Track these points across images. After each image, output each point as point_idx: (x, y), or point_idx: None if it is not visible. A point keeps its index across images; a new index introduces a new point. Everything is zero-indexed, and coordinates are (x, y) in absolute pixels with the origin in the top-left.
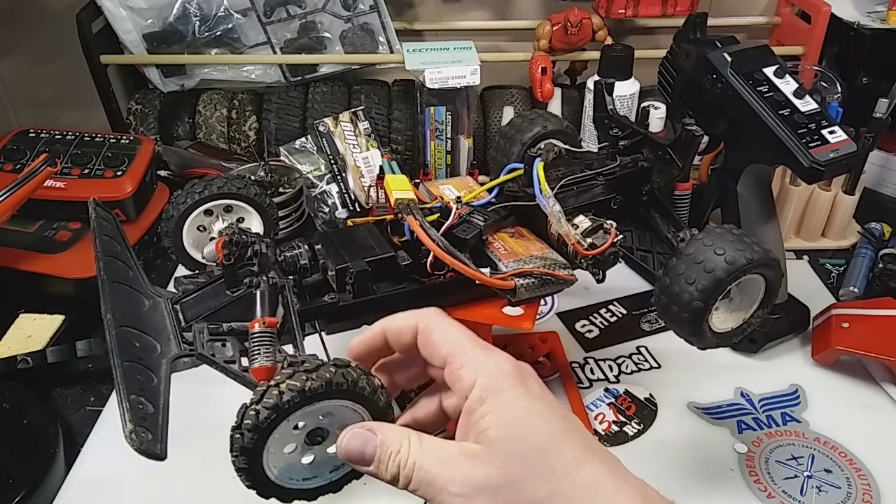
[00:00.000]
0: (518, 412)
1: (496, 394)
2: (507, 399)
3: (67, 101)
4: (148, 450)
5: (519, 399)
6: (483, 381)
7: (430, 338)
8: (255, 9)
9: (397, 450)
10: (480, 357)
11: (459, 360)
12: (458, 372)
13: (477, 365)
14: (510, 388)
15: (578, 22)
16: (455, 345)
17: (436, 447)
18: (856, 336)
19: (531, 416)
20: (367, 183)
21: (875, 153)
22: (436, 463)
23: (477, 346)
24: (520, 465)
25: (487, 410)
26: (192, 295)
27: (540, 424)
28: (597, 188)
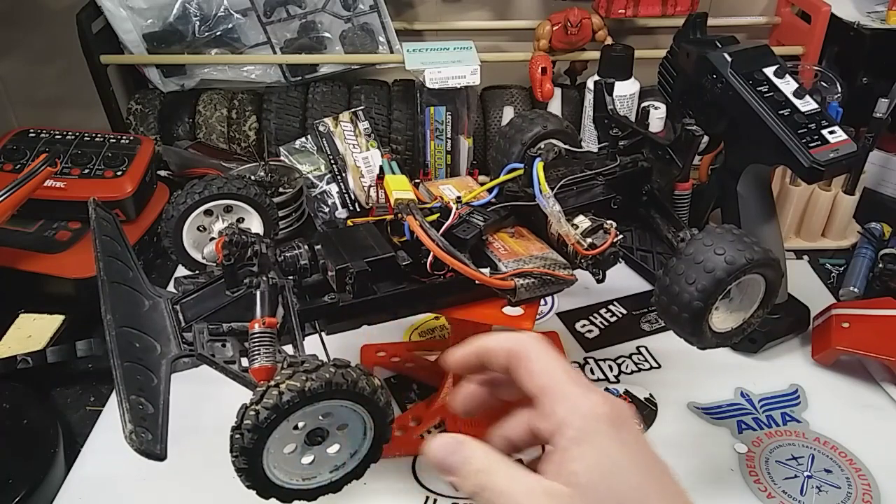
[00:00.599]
0: (610, 461)
1: (590, 438)
2: (600, 445)
3: (67, 101)
4: (148, 450)
5: (612, 447)
6: (578, 423)
7: (526, 366)
8: (255, 9)
9: (480, 469)
10: (577, 396)
11: (555, 395)
12: (553, 407)
13: (573, 404)
14: (604, 433)
15: (578, 22)
16: (551, 378)
17: (521, 479)
18: (856, 336)
19: (622, 467)
20: (367, 183)
21: (875, 153)
22: (520, 495)
23: (573, 382)
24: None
25: (579, 455)
26: (192, 295)
27: (630, 476)
28: (597, 188)
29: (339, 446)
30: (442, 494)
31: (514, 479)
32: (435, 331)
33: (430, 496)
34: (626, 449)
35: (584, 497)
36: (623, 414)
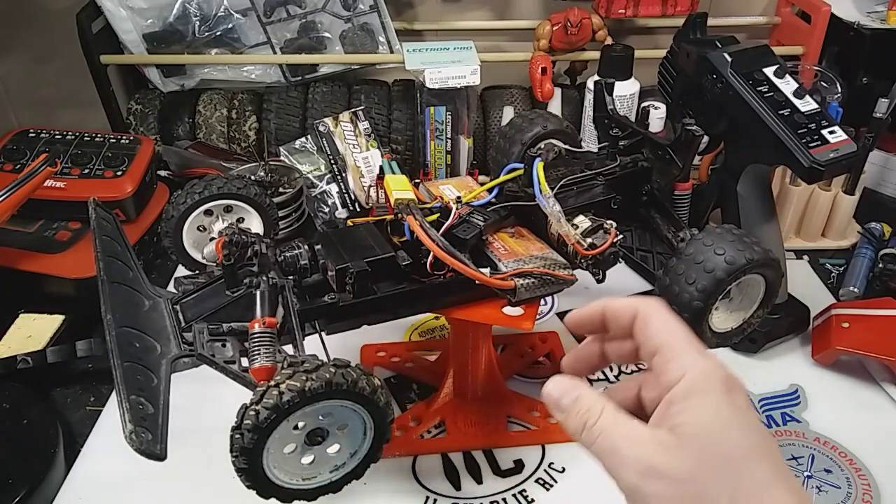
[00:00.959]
0: (720, 417)
1: (701, 394)
2: (712, 402)
3: (67, 101)
4: (148, 450)
5: (724, 405)
6: (691, 378)
7: (648, 326)
8: (255, 9)
9: (588, 409)
10: (693, 356)
11: (671, 353)
12: (668, 364)
13: (688, 362)
14: (717, 392)
15: (578, 22)
16: (671, 337)
17: (628, 423)
18: (856, 336)
19: (732, 425)
20: (367, 183)
21: (875, 153)
22: (624, 438)
23: (692, 345)
24: (709, 468)
25: (689, 406)
26: (192, 295)
27: (739, 436)
28: (597, 188)
29: (339, 446)
30: (442, 494)
31: (619, 422)
32: (435, 331)
33: (430, 496)
34: (738, 412)
35: (690, 447)
36: (736, 381)
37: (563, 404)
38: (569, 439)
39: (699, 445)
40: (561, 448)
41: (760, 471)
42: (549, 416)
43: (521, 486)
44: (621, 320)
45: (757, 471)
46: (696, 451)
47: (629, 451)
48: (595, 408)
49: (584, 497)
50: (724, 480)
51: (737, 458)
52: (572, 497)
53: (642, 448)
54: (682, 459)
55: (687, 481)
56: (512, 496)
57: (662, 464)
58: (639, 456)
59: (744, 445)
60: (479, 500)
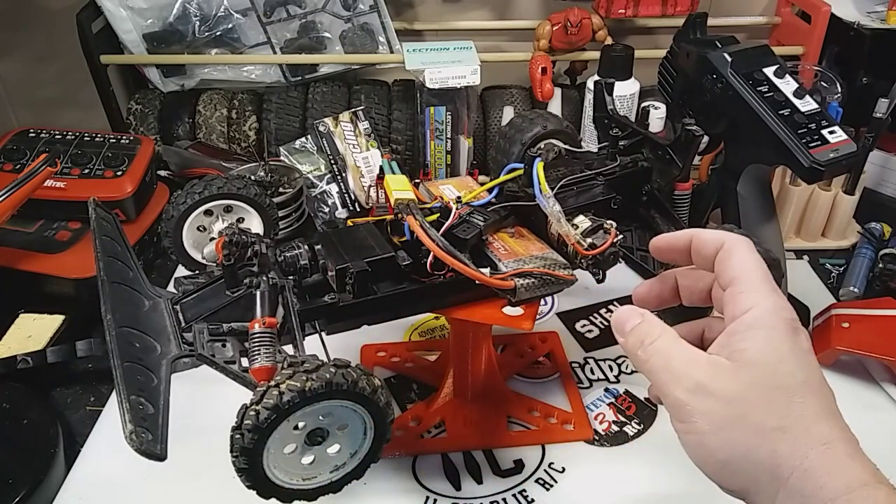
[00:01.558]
0: (779, 351)
1: (765, 327)
2: (775, 336)
3: (67, 101)
4: (148, 450)
5: (786, 341)
6: (758, 311)
7: (731, 257)
8: (255, 9)
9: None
10: (766, 292)
11: (746, 285)
12: (739, 295)
13: (760, 297)
14: (782, 329)
15: (578, 22)
16: (749, 272)
17: (685, 346)
18: (856, 336)
19: (791, 360)
20: (367, 183)
21: (875, 153)
22: (679, 356)
23: (767, 282)
24: (761, 392)
25: (752, 336)
26: (192, 295)
27: (797, 370)
28: (597, 188)
29: (340, 446)
30: (442, 494)
31: (677, 343)
32: (435, 331)
33: (430, 496)
34: (797, 350)
35: (744, 371)
36: (801, 326)
37: (626, 328)
38: (569, 439)
39: (754, 371)
40: (561, 448)
41: (812, 405)
42: (549, 416)
43: (521, 486)
44: (706, 250)
45: (808, 404)
46: (750, 376)
47: (683, 369)
48: (655, 329)
49: (584, 497)
50: (773, 407)
51: (790, 389)
52: (572, 497)
53: (696, 367)
54: (734, 381)
55: (735, 401)
56: (512, 496)
57: (713, 383)
58: (692, 373)
59: (799, 379)
60: (479, 500)
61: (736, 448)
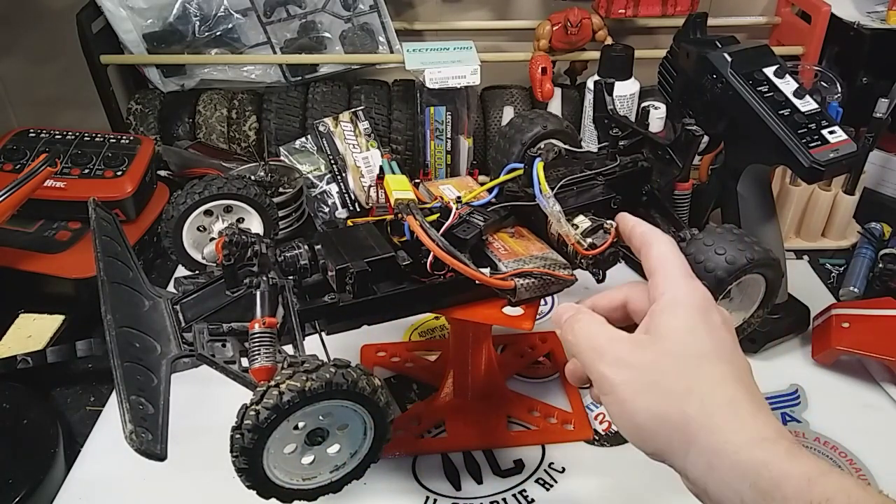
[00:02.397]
0: (692, 324)
1: (680, 305)
2: (687, 312)
3: (67, 101)
4: (148, 450)
5: (696, 315)
6: (674, 293)
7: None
8: (255, 9)
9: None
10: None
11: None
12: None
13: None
14: (695, 307)
15: (578, 22)
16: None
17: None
18: (856, 336)
19: (701, 332)
20: (367, 183)
21: (875, 153)
22: (602, 336)
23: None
24: (672, 360)
25: (667, 314)
26: (191, 295)
27: (706, 340)
28: (597, 188)
29: (340, 446)
30: (442, 494)
31: (602, 326)
32: (435, 331)
33: (430, 496)
34: (708, 323)
35: (658, 343)
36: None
37: (562, 320)
38: (569, 439)
39: (666, 342)
40: (561, 448)
41: (720, 370)
42: (549, 416)
43: (521, 486)
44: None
45: (716, 369)
46: (663, 347)
47: (605, 346)
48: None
49: (584, 497)
50: (684, 370)
51: (699, 356)
52: (572, 497)
53: (617, 344)
54: (650, 352)
55: (649, 369)
56: (512, 496)
57: (631, 356)
58: (612, 349)
59: (708, 347)
60: (479, 500)
61: (651, 411)
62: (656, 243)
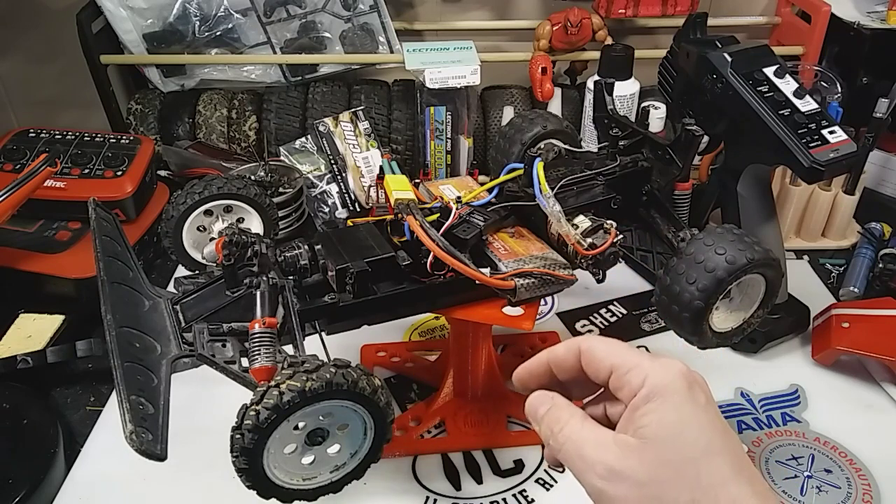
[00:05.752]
0: (680, 417)
1: (662, 395)
2: (672, 403)
3: (67, 101)
4: (148, 450)
5: (683, 405)
6: (651, 382)
7: (594, 355)
8: (255, 9)
9: (558, 417)
10: (647, 363)
11: (626, 366)
12: (625, 377)
13: (645, 369)
14: (676, 392)
15: (578, 22)
16: (620, 356)
17: (594, 429)
18: (856, 336)
19: (691, 424)
20: (367, 183)
21: (875, 153)
22: (588, 442)
23: (643, 355)
24: (669, 468)
25: (650, 410)
26: (192, 295)
27: (698, 434)
28: (597, 188)
29: (340, 446)
30: (442, 494)
31: (585, 428)
32: (435, 331)
33: (430, 496)
34: (697, 408)
35: (650, 449)
36: (695, 377)
37: (538, 415)
38: None
39: (659, 449)
40: None
41: (717, 468)
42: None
43: (521, 486)
44: (567, 363)
45: (714, 469)
46: (656, 453)
47: (594, 454)
48: (563, 415)
49: (584, 497)
50: (684, 479)
51: (696, 457)
52: (572, 497)
53: (605, 451)
54: (643, 461)
55: (648, 483)
56: (512, 496)
57: (624, 466)
58: (602, 458)
59: (702, 444)
60: (479, 500)
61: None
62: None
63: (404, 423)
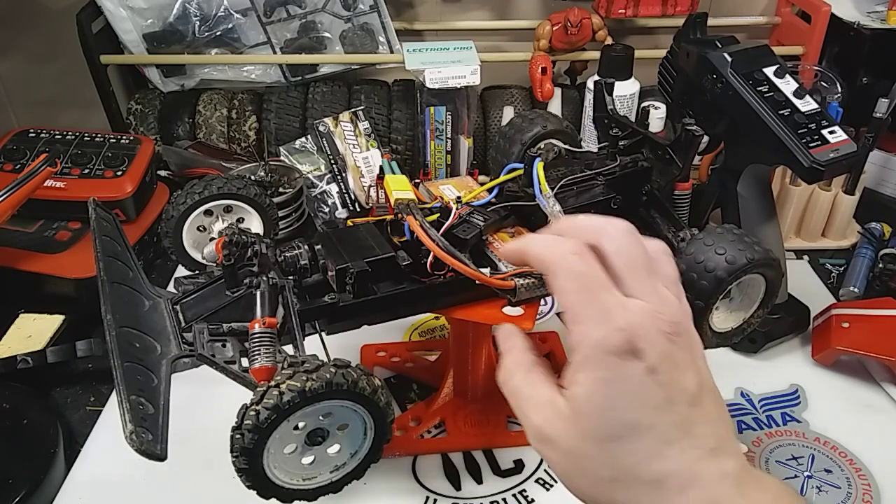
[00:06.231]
0: (606, 392)
1: (592, 367)
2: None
3: (67, 101)
4: (148, 450)
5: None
6: (585, 350)
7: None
8: (255, 9)
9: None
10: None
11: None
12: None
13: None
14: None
15: (578, 22)
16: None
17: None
18: (856, 336)
19: (619, 402)
20: (367, 183)
21: (875, 153)
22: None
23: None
24: (591, 443)
25: (579, 381)
26: (192, 295)
27: (625, 413)
28: (597, 188)
29: (340, 446)
30: (442, 494)
31: (526, 383)
32: (435, 331)
33: (430, 496)
34: (629, 382)
35: (577, 422)
36: (637, 345)
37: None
38: None
39: (584, 420)
40: None
41: (642, 448)
42: None
43: (521, 486)
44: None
45: (638, 448)
46: (583, 428)
47: (529, 414)
48: (511, 366)
49: None
50: (605, 459)
51: (619, 439)
52: (572, 497)
53: (539, 413)
54: (569, 432)
55: (572, 454)
56: (512, 496)
57: (552, 432)
58: (535, 421)
59: (628, 423)
60: (479, 500)
61: (585, 493)
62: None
63: (404, 423)
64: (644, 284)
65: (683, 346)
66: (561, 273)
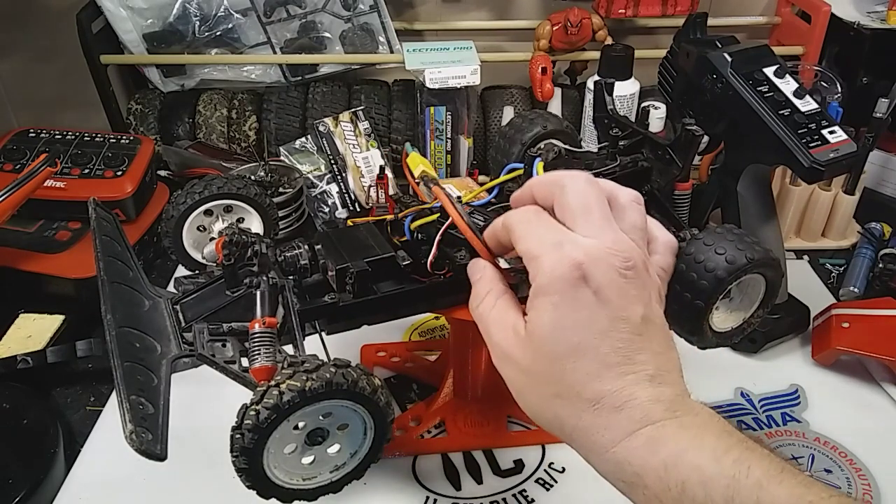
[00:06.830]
0: (553, 317)
1: (545, 293)
2: (550, 302)
3: (67, 101)
4: (148, 450)
5: (561, 304)
6: (539, 280)
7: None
8: (255, 9)
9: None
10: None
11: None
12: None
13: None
14: (558, 291)
15: (578, 22)
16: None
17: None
18: (856, 336)
19: (567, 325)
20: (367, 183)
21: (875, 153)
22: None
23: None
24: (542, 364)
25: (533, 307)
26: (192, 295)
27: (570, 335)
28: None
29: (340, 446)
30: (442, 494)
31: (495, 308)
32: (435, 331)
33: (430, 496)
34: (576, 307)
35: (530, 344)
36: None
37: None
38: None
39: (536, 345)
40: (561, 448)
41: (583, 369)
42: None
43: (521, 486)
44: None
45: (579, 369)
46: (534, 350)
47: (494, 335)
48: (482, 292)
49: (584, 497)
50: (551, 378)
51: (563, 358)
52: (572, 497)
53: (502, 335)
54: (525, 353)
55: (527, 372)
56: (512, 496)
57: (511, 352)
58: (498, 341)
59: (573, 344)
60: (479, 500)
61: (535, 410)
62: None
63: (404, 423)
64: (597, 226)
65: (635, 283)
66: (516, 226)
